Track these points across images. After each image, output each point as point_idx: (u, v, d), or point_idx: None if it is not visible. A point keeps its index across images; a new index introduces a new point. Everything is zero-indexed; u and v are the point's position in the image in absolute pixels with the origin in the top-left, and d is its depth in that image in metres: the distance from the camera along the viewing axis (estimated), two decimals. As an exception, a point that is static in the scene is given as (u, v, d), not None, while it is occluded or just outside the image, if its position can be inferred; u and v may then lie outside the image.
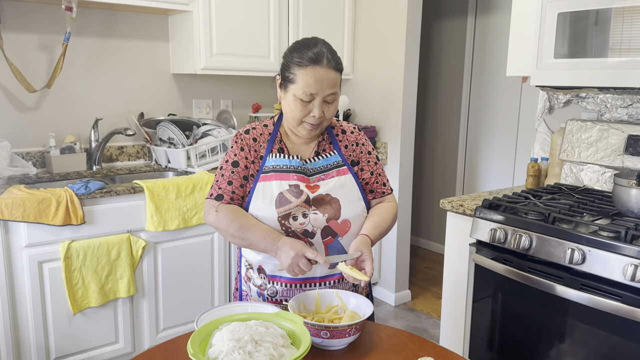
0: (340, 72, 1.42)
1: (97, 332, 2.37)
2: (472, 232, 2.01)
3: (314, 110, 1.39)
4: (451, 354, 1.25)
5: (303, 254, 1.30)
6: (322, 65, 1.36)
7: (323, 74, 1.37)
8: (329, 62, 1.38)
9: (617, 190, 1.82)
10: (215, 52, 2.86)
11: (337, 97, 1.43)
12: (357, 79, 3.56)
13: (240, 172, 1.45)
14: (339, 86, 1.42)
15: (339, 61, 1.42)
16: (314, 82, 1.36)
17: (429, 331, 3.13)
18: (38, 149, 2.72)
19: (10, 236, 2.12)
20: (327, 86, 1.38)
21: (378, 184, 1.57)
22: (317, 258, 1.29)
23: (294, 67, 1.38)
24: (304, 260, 1.30)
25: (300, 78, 1.37)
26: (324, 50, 1.38)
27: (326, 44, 1.41)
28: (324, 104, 1.41)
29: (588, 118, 2.38)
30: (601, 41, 1.91)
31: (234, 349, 1.00)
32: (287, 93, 1.42)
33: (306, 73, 1.36)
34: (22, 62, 2.61)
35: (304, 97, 1.38)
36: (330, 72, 1.38)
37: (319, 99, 1.39)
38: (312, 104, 1.39)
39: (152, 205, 2.39)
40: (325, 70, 1.37)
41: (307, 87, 1.37)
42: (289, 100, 1.41)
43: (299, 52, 1.38)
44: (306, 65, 1.36)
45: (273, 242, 1.35)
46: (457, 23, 4.24)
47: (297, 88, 1.38)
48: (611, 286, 1.59)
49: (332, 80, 1.38)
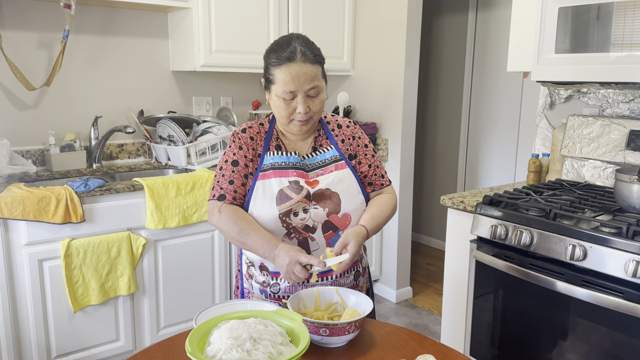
0: (319, 63, 1.42)
1: (97, 330, 2.37)
2: (473, 229, 2.00)
3: (298, 106, 1.40)
4: (451, 351, 1.24)
5: (297, 260, 1.29)
6: (296, 61, 1.37)
7: (298, 70, 1.37)
8: (304, 55, 1.38)
9: (618, 186, 1.81)
10: (214, 49, 2.85)
11: (320, 90, 1.42)
12: (357, 75, 3.55)
13: (240, 170, 1.45)
14: (320, 78, 1.42)
15: (316, 52, 1.41)
16: (290, 80, 1.37)
17: (430, 328, 3.12)
18: (38, 147, 2.72)
19: (10, 234, 2.12)
20: (305, 81, 1.38)
21: (377, 176, 1.57)
22: (310, 261, 1.28)
23: (272, 67, 1.40)
24: (298, 267, 1.29)
25: (278, 77, 1.38)
26: (297, 46, 1.38)
27: (300, 39, 1.41)
28: (308, 99, 1.41)
29: (589, 113, 2.37)
30: (603, 36, 1.90)
31: (232, 347, 1.00)
32: (270, 94, 1.44)
33: (282, 72, 1.37)
34: (21, 60, 2.60)
35: (285, 96, 1.39)
36: (307, 66, 1.38)
37: (300, 95, 1.39)
38: (295, 101, 1.40)
39: (152, 202, 2.38)
40: (300, 66, 1.37)
41: (285, 85, 1.37)
42: (274, 101, 1.43)
43: (275, 52, 1.39)
44: (281, 63, 1.37)
45: (270, 250, 1.34)
46: (458, 18, 4.22)
47: (277, 88, 1.39)
48: (612, 282, 1.59)
49: (309, 74, 1.38)
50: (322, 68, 1.44)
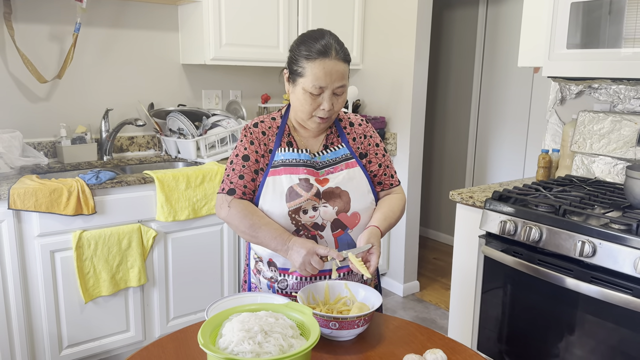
0: (348, 63, 1.41)
1: (108, 320, 2.40)
2: (482, 224, 2.00)
3: (324, 103, 1.38)
4: (460, 346, 1.25)
5: (315, 251, 1.30)
6: (330, 57, 1.35)
7: (332, 66, 1.35)
8: (338, 53, 1.37)
9: (629, 183, 1.80)
10: (224, 42, 2.86)
11: (345, 89, 1.42)
12: (366, 69, 3.54)
13: (251, 165, 1.45)
14: (347, 78, 1.41)
15: (347, 52, 1.41)
16: (323, 75, 1.35)
17: (437, 322, 3.13)
18: (49, 139, 2.74)
19: (22, 226, 2.15)
20: (336, 78, 1.37)
21: (386, 176, 1.57)
22: (329, 253, 1.29)
23: (303, 60, 1.37)
24: (315, 258, 1.30)
25: (309, 71, 1.36)
26: (332, 42, 1.37)
27: (333, 36, 1.40)
28: (333, 97, 1.40)
29: (600, 109, 2.36)
30: (615, 31, 1.89)
31: (244, 339, 1.01)
32: (295, 87, 1.41)
33: (315, 66, 1.35)
34: (33, 53, 2.62)
35: (313, 91, 1.37)
36: (339, 64, 1.37)
37: (328, 91, 1.38)
38: (322, 97, 1.38)
39: (162, 195, 2.40)
40: (334, 62, 1.36)
41: (317, 80, 1.35)
42: (298, 94, 1.40)
43: (307, 45, 1.37)
44: (315, 58, 1.35)
45: (284, 242, 1.35)
46: (468, 12, 4.19)
47: (306, 81, 1.37)
48: (621, 279, 1.59)
49: (340, 72, 1.37)
50: (349, 68, 1.43)
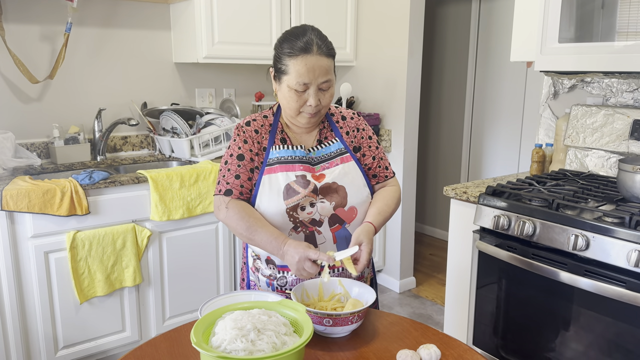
0: (332, 57, 1.41)
1: (103, 320, 2.40)
2: (476, 219, 2.00)
3: (310, 99, 1.38)
4: (454, 341, 1.25)
5: (307, 256, 1.29)
6: (312, 53, 1.35)
7: (314, 62, 1.35)
8: (320, 48, 1.37)
9: (621, 176, 1.81)
10: (217, 40, 2.85)
11: (332, 84, 1.42)
12: (360, 65, 3.54)
13: (246, 165, 1.45)
14: (332, 72, 1.41)
15: (330, 46, 1.40)
16: (306, 71, 1.35)
17: (433, 317, 3.14)
18: (42, 139, 2.73)
19: (16, 227, 2.14)
20: (319, 74, 1.37)
21: (380, 168, 1.57)
22: (320, 257, 1.28)
23: (285, 58, 1.37)
24: (308, 263, 1.29)
25: (292, 69, 1.36)
26: (313, 38, 1.37)
27: (315, 31, 1.40)
28: (319, 92, 1.40)
29: (593, 103, 2.36)
30: (607, 25, 1.89)
31: (236, 337, 1.01)
32: (281, 85, 1.41)
33: (297, 63, 1.35)
34: (24, 53, 2.60)
35: (298, 88, 1.37)
36: (322, 59, 1.37)
37: (313, 87, 1.38)
38: (307, 93, 1.38)
39: (156, 194, 2.39)
40: (317, 58, 1.36)
41: (300, 76, 1.35)
42: (284, 92, 1.41)
43: (289, 42, 1.37)
44: (297, 54, 1.35)
45: (279, 247, 1.35)
46: (461, 8, 4.19)
47: (290, 79, 1.37)
48: (615, 272, 1.59)
49: (324, 67, 1.37)
50: (334, 62, 1.43)
